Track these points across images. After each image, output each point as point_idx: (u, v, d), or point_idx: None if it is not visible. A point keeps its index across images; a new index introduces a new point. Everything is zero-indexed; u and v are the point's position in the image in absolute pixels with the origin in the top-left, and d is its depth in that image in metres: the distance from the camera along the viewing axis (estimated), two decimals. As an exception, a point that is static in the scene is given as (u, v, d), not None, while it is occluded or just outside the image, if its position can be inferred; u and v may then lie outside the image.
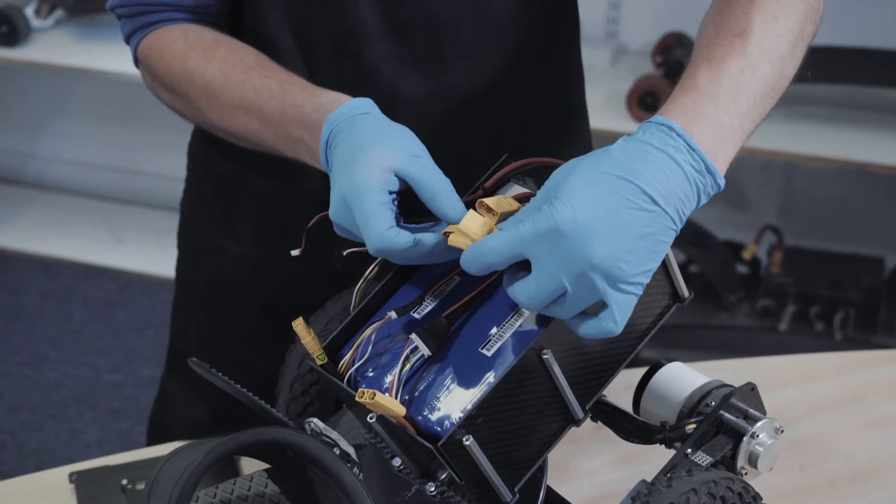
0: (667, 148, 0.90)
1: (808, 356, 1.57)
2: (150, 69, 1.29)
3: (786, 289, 2.85)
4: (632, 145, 0.90)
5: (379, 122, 1.04)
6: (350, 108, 1.07)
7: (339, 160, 1.03)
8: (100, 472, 1.33)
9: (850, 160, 2.73)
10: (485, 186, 1.05)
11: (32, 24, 3.22)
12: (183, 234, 1.55)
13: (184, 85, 1.24)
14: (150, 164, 3.77)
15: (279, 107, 1.14)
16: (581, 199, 0.86)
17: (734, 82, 0.97)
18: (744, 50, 0.99)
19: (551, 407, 0.97)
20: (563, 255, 0.86)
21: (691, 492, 0.92)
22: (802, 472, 1.34)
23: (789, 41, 1.03)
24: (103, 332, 3.26)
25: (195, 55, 1.24)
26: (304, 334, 1.02)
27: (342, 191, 0.99)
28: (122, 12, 1.30)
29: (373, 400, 0.93)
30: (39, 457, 2.79)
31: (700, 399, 1.04)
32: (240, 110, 1.19)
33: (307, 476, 1.00)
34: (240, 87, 1.19)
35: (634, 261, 0.87)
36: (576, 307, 0.88)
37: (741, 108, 0.97)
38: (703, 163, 0.91)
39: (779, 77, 1.02)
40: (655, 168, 0.89)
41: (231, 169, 1.42)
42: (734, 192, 3.22)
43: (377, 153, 0.99)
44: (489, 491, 0.96)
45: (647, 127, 0.92)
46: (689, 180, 0.90)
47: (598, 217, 0.86)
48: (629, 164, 0.88)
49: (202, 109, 1.24)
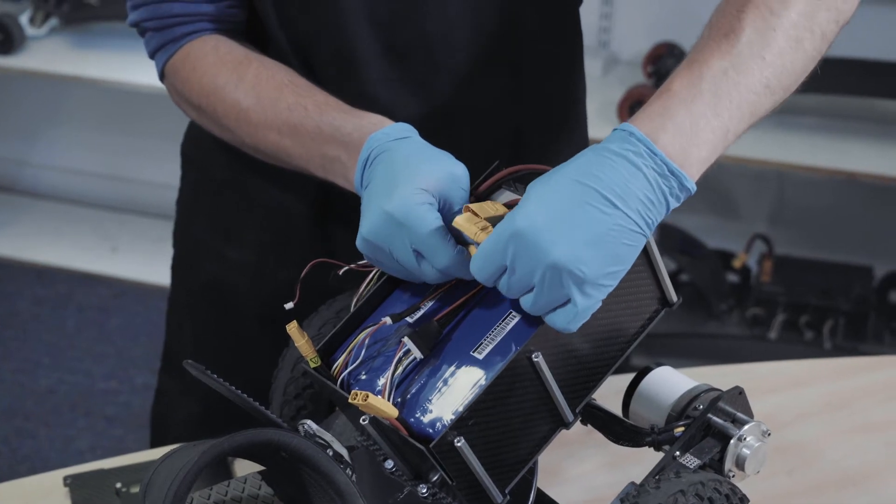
0: (626, 153, 0.92)
1: (796, 362, 1.58)
2: (179, 84, 1.28)
3: (775, 297, 2.86)
4: (593, 152, 0.93)
5: (421, 147, 1.06)
6: (394, 130, 1.08)
7: (379, 179, 1.03)
8: (94, 476, 1.34)
9: (839, 170, 2.74)
10: (477, 192, 1.06)
11: (27, 33, 3.22)
12: (179, 232, 1.55)
13: (212, 101, 1.24)
14: (145, 172, 3.77)
15: (315, 125, 1.15)
16: (540, 203, 0.90)
17: (714, 84, 0.97)
18: (730, 50, 0.98)
19: (542, 410, 0.98)
20: (526, 256, 0.90)
21: (679, 493, 0.93)
22: (790, 477, 1.35)
23: (791, 35, 1.02)
24: (97, 340, 3.26)
25: (226, 71, 1.23)
26: (298, 337, 1.03)
27: (385, 210, 0.99)
28: (149, 26, 1.28)
29: (366, 402, 0.94)
30: (33, 463, 2.79)
31: (688, 403, 1.05)
32: (272, 130, 1.19)
33: (301, 478, 1.01)
34: (273, 104, 1.19)
35: (595, 263, 0.90)
36: (544, 305, 0.92)
37: (721, 111, 0.97)
38: (666, 166, 0.92)
39: (777, 74, 1.01)
40: (614, 172, 0.91)
41: (231, 176, 1.42)
42: (724, 201, 3.23)
43: (419, 175, 1.01)
44: (480, 492, 0.97)
45: (612, 134, 0.94)
46: (651, 184, 0.92)
47: (554, 219, 0.89)
48: (588, 169, 0.91)
49: (231, 128, 1.24)
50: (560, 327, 0.93)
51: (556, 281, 0.90)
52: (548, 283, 0.90)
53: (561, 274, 0.89)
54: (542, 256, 0.89)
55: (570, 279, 0.90)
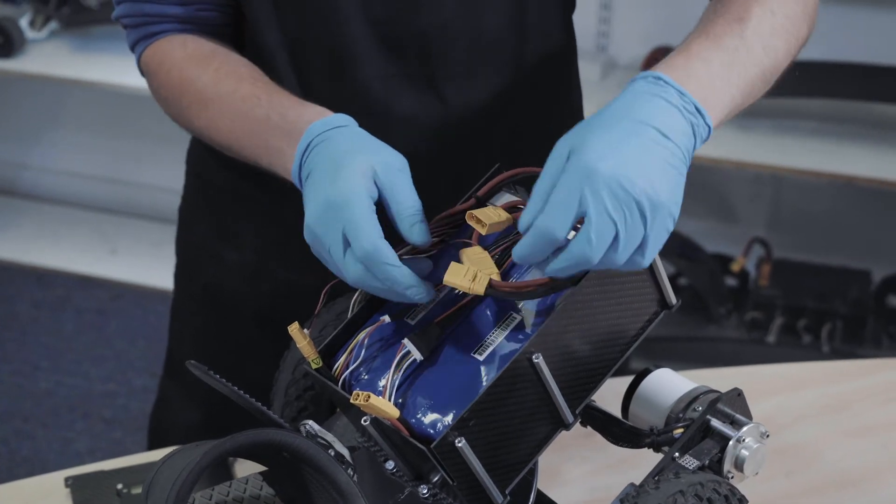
0: (660, 93, 0.97)
1: (795, 365, 1.59)
2: (151, 77, 1.32)
3: (774, 301, 2.86)
4: (631, 94, 0.97)
5: (361, 135, 1.07)
6: (332, 120, 1.09)
7: (319, 167, 1.05)
8: (95, 477, 1.34)
9: (838, 174, 2.75)
10: (477, 195, 1.07)
11: (27, 36, 3.22)
12: (181, 239, 1.56)
13: (178, 93, 1.27)
14: (144, 175, 3.77)
15: (264, 114, 1.16)
16: (603, 142, 0.92)
17: (728, 55, 1.03)
18: (741, 32, 1.05)
19: (542, 411, 0.99)
20: (608, 193, 0.90)
21: (678, 493, 0.94)
22: (788, 479, 1.36)
23: (785, 38, 1.09)
24: (96, 342, 3.26)
25: (191, 65, 1.27)
26: (300, 338, 1.03)
27: (327, 196, 1.01)
28: (127, 22, 1.32)
29: (367, 402, 0.95)
30: (31, 465, 2.79)
31: (688, 404, 1.06)
32: (226, 118, 1.21)
33: (302, 478, 1.01)
34: (230, 96, 1.21)
35: (667, 190, 0.92)
36: (628, 246, 0.91)
37: (733, 78, 1.02)
38: (693, 105, 0.97)
39: (772, 66, 1.07)
40: (657, 109, 0.95)
41: (228, 179, 1.43)
42: (723, 205, 3.23)
43: (361, 160, 1.02)
44: (481, 493, 0.98)
45: (639, 79, 0.99)
46: (685, 119, 0.96)
47: (625, 155, 0.91)
48: (632, 108, 0.95)
49: (192, 118, 1.26)
50: (638, 264, 0.93)
51: (640, 215, 0.90)
52: (630, 220, 0.90)
53: (646, 206, 0.90)
54: (625, 191, 0.90)
55: (654, 210, 0.91)
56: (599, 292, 0.99)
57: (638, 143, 0.92)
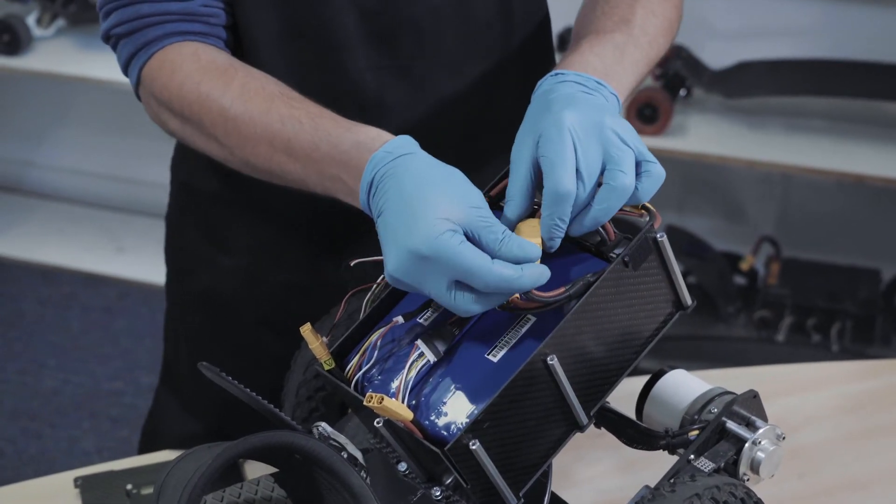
0: (572, 83, 1.07)
1: (807, 365, 1.58)
2: (157, 92, 1.21)
3: (783, 300, 2.85)
4: (537, 95, 1.07)
5: (429, 166, 1.01)
6: (394, 147, 1.03)
7: (393, 209, 0.98)
8: (105, 477, 1.34)
9: (847, 172, 2.74)
10: (490, 195, 1.06)
11: (34, 33, 3.22)
12: (171, 248, 1.54)
13: (197, 110, 1.17)
14: (150, 173, 3.76)
15: (310, 141, 1.09)
16: (553, 109, 1.02)
17: (619, 49, 1.16)
18: (629, 31, 1.19)
19: (556, 413, 0.98)
20: (591, 129, 1.00)
21: (695, 497, 0.93)
22: (801, 480, 1.35)
23: (664, 35, 1.24)
24: (102, 340, 3.26)
25: (210, 78, 1.17)
26: (312, 339, 1.03)
27: (414, 247, 0.95)
28: (120, 31, 1.23)
29: (380, 404, 0.94)
30: (38, 464, 2.79)
31: (703, 406, 1.05)
32: (262, 142, 1.13)
33: (314, 480, 1.01)
34: (264, 116, 1.13)
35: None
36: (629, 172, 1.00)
37: (626, 66, 1.15)
38: (593, 80, 1.08)
39: (655, 55, 1.22)
40: (567, 88, 1.06)
41: (215, 185, 1.40)
42: (732, 203, 3.23)
43: (437, 204, 0.96)
44: (494, 496, 0.97)
45: (549, 80, 1.09)
46: (589, 90, 1.08)
47: (574, 104, 1.03)
48: (571, 99, 1.04)
49: (218, 138, 1.17)
50: (659, 174, 1.01)
51: (620, 140, 1.00)
52: (617, 143, 1.00)
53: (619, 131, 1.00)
54: (599, 124, 1.00)
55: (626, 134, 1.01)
56: (614, 293, 0.99)
57: (578, 98, 1.04)
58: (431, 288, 0.96)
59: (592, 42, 1.16)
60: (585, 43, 1.16)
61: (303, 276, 1.40)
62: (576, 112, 1.00)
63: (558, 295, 0.97)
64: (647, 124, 2.79)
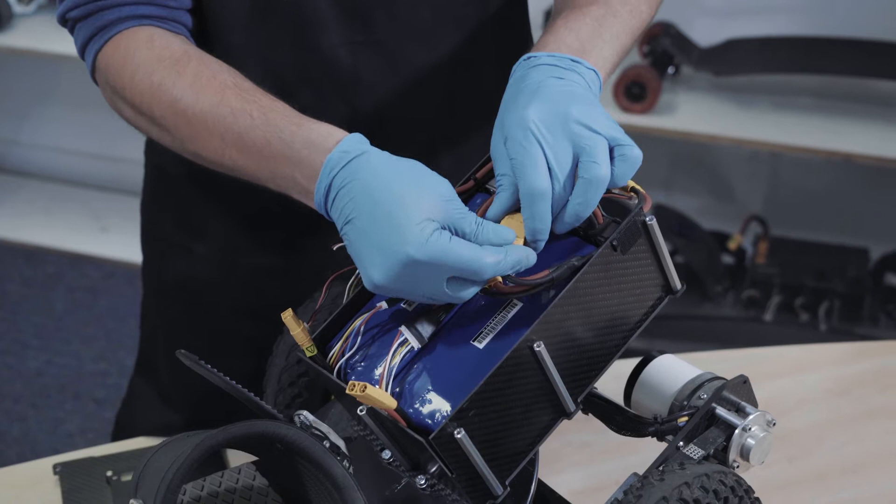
0: (546, 67, 1.04)
1: (797, 347, 1.57)
2: (111, 81, 1.19)
3: (771, 279, 2.85)
4: (511, 82, 1.05)
5: (391, 164, 0.98)
6: (349, 147, 1.00)
7: (367, 216, 0.95)
8: (84, 464, 1.32)
9: (835, 151, 2.73)
10: (476, 177, 1.05)
11: (15, 10, 3.19)
12: (146, 236, 1.52)
13: (147, 100, 1.14)
14: (135, 152, 3.71)
15: (262, 137, 1.06)
16: (518, 103, 1.01)
17: (597, 21, 1.13)
18: (606, 1, 1.15)
19: (543, 400, 0.97)
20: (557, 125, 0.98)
21: (684, 485, 0.91)
22: (791, 465, 1.34)
23: (647, 2, 1.19)
24: (86, 321, 3.24)
25: (162, 67, 1.14)
26: (294, 325, 1.01)
27: (407, 254, 0.92)
28: (75, 14, 1.19)
29: (364, 393, 0.93)
30: (21, 446, 2.77)
31: (692, 392, 1.04)
32: (214, 135, 1.10)
33: (296, 469, 0.99)
34: (215, 109, 1.09)
35: (586, 109, 1.00)
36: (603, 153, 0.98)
37: (605, 37, 1.12)
38: (567, 58, 1.06)
39: (638, 25, 1.18)
40: (539, 72, 1.04)
41: (190, 167, 1.38)
42: (720, 182, 3.22)
43: (415, 204, 0.94)
44: (480, 484, 0.95)
45: (523, 65, 1.06)
46: (563, 69, 1.05)
47: (537, 98, 1.01)
48: (519, 84, 1.03)
49: (169, 129, 1.14)
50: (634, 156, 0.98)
51: (588, 129, 0.98)
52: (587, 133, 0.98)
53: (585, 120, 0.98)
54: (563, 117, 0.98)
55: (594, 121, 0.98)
56: (603, 278, 0.97)
57: (545, 88, 1.00)
58: (427, 290, 0.94)
59: (568, 17, 1.13)
60: (560, 20, 1.13)
61: (278, 259, 1.38)
62: (540, 107, 0.98)
63: (542, 278, 0.95)
64: (635, 102, 2.77)
